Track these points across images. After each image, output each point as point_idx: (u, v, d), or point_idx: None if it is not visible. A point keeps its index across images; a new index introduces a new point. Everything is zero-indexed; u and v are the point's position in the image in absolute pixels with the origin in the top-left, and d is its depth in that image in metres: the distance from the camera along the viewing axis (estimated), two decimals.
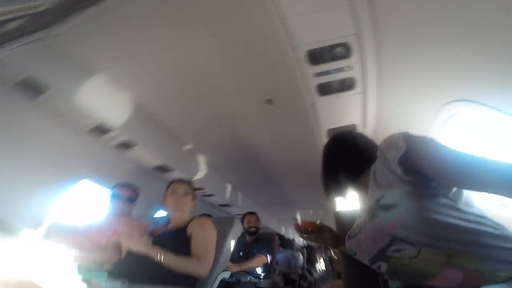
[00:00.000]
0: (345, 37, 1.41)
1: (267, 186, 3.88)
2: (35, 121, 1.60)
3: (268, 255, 2.59)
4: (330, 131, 1.82)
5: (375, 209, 0.69)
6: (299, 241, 7.39)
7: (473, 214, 0.62)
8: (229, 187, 3.57)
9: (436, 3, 1.01)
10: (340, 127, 1.83)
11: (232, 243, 1.77)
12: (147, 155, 2.14)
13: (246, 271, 2.33)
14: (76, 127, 1.76)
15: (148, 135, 2.07)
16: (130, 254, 1.25)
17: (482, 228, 0.59)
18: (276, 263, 3.04)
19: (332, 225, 1.11)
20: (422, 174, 0.63)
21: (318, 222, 0.99)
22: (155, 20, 1.47)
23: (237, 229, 1.83)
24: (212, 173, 3.05)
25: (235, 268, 2.13)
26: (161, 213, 2.60)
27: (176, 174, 2.43)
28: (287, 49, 1.46)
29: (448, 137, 1.30)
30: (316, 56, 1.47)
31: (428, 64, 1.24)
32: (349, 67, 1.49)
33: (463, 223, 0.60)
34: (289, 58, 1.50)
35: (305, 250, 5.14)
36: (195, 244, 1.33)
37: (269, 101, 2.04)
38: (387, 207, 0.65)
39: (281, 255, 3.63)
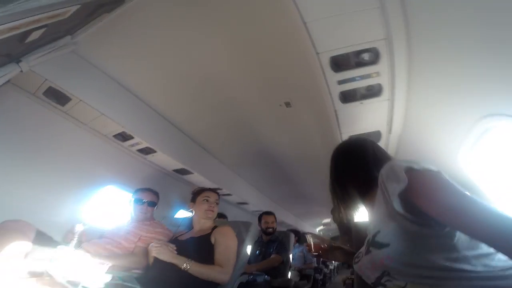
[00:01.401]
0: (373, 42, 1.34)
1: (283, 183, 3.90)
2: (62, 129, 1.69)
3: (283, 254, 2.64)
4: (352, 137, 1.78)
5: (370, 245, 0.72)
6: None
7: (473, 256, 0.60)
8: (245, 185, 3.61)
9: (472, 5, 0.91)
10: (363, 134, 1.78)
11: (249, 248, 1.85)
12: (167, 160, 2.22)
13: (262, 271, 2.39)
14: (100, 134, 1.85)
15: (168, 141, 2.15)
16: (158, 262, 1.34)
17: (476, 269, 0.59)
18: (292, 259, 3.09)
19: None
20: (421, 212, 0.62)
21: (327, 244, 1.10)
22: (176, 25, 1.48)
23: (254, 233, 1.91)
24: (230, 173, 3.10)
25: (252, 269, 2.19)
26: (181, 214, 2.71)
27: (194, 177, 2.53)
28: (310, 54, 1.42)
29: (483, 152, 1.23)
30: (341, 62, 1.42)
31: (462, 71, 1.15)
32: (377, 74, 1.43)
33: (455, 265, 0.60)
34: (312, 63, 1.45)
35: None
36: (218, 252, 1.43)
37: (288, 104, 2.02)
38: (380, 246, 0.68)
39: (296, 251, 3.71)
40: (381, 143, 1.83)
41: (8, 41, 1.03)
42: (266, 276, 2.38)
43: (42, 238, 1.49)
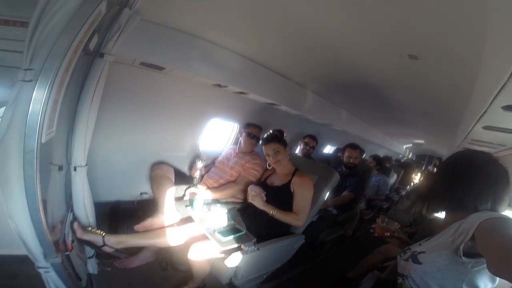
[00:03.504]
0: None
1: (378, 107, 3.56)
2: (167, 84, 1.95)
3: (357, 192, 2.84)
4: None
5: (411, 255, 0.95)
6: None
7: None
8: (334, 108, 3.48)
9: None
10: None
11: (328, 193, 2.06)
12: (258, 97, 2.42)
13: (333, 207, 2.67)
14: (203, 84, 2.10)
15: (259, 81, 2.26)
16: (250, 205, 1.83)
17: None
18: None
19: None
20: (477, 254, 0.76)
21: (389, 233, 1.40)
22: None
23: (334, 182, 2.11)
24: (320, 100, 3.02)
25: (324, 205, 2.48)
26: None
27: (283, 108, 2.74)
28: None
29: None
30: None
31: None
32: None
33: None
34: None
35: (402, 171, 5.11)
36: (296, 201, 1.77)
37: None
38: (416, 262, 0.91)
39: (373, 179, 3.76)
40: None
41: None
42: (334, 210, 2.69)
43: (179, 176, 2.14)
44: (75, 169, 1.40)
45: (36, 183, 0.86)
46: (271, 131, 2.01)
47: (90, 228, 1.49)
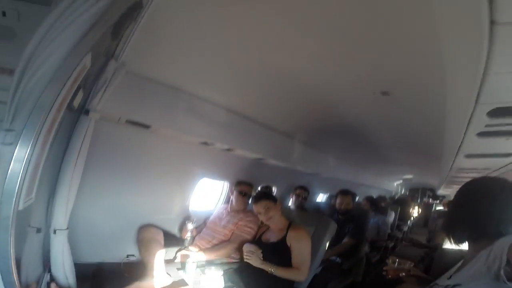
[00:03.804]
0: None
1: (362, 148, 3.70)
2: (154, 143, 1.95)
3: (358, 237, 2.77)
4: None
5: None
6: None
7: None
8: (320, 155, 3.58)
9: None
10: None
11: (327, 244, 1.96)
12: (246, 153, 2.46)
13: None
14: (190, 143, 2.14)
15: (246, 135, 2.32)
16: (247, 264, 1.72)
17: None
18: None
19: None
20: None
21: (405, 273, 1.36)
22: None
23: (332, 231, 2.05)
24: (308, 151, 3.10)
25: (326, 255, 2.33)
26: None
27: (271, 162, 2.77)
28: None
29: None
30: None
31: None
32: None
33: None
34: None
35: (398, 208, 5.07)
36: (294, 256, 1.71)
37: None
38: None
39: (371, 221, 3.70)
40: None
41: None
42: (337, 259, 2.55)
43: (169, 239, 2.02)
44: (54, 232, 1.33)
45: (9, 248, 0.80)
46: (259, 189, 1.98)
47: None
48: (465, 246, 0.96)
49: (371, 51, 1.30)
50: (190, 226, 1.97)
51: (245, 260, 1.70)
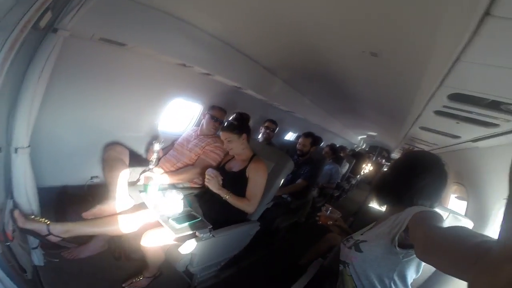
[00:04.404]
0: None
1: (338, 98, 3.77)
2: (128, 60, 1.82)
3: (311, 180, 3.00)
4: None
5: (354, 243, 1.02)
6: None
7: None
8: (297, 96, 3.61)
9: None
10: None
11: (282, 180, 2.15)
12: (224, 79, 2.38)
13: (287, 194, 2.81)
14: (167, 63, 2.00)
15: (226, 63, 2.21)
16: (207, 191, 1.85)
17: None
18: None
19: None
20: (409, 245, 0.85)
21: (332, 221, 1.45)
22: None
23: (289, 169, 2.16)
24: (284, 86, 3.13)
25: (279, 192, 2.58)
26: None
27: (249, 92, 2.78)
28: None
29: None
30: None
31: None
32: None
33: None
34: None
35: (354, 160, 5.50)
36: (249, 187, 1.81)
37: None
38: (358, 250, 1.00)
39: (326, 168, 3.99)
40: None
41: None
42: (288, 198, 2.81)
43: (135, 159, 2.05)
44: (16, 151, 1.27)
45: None
46: (234, 114, 1.97)
47: (33, 216, 1.36)
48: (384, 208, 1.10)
49: (369, 12, 1.23)
50: (157, 146, 1.96)
51: (205, 183, 1.78)
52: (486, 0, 0.55)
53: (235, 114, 2.06)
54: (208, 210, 1.77)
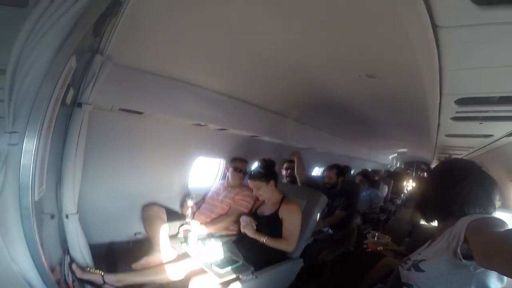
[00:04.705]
0: None
1: (355, 123, 3.75)
2: (149, 127, 2.07)
3: (349, 209, 2.92)
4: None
5: (413, 264, 0.97)
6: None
7: None
8: (314, 132, 3.66)
9: None
10: None
11: (318, 216, 2.12)
12: (239, 132, 2.56)
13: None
14: (184, 125, 2.23)
15: (238, 115, 2.40)
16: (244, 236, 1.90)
17: None
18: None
19: None
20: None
21: (383, 247, 1.40)
22: None
23: (322, 203, 2.18)
24: (302, 127, 3.24)
25: (318, 226, 2.51)
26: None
27: (266, 139, 2.91)
28: None
29: None
30: None
31: None
32: None
33: None
34: None
35: (391, 181, 5.22)
36: (285, 227, 1.86)
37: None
38: (419, 270, 0.93)
39: (364, 194, 3.90)
40: None
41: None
42: (329, 230, 2.71)
43: (171, 215, 2.19)
44: (67, 217, 1.49)
45: (34, 233, 0.95)
46: (260, 162, 2.07)
47: (88, 269, 1.54)
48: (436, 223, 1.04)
49: (355, 37, 1.35)
50: (190, 202, 2.12)
51: (241, 229, 1.87)
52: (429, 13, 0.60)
53: (260, 162, 2.18)
54: (248, 254, 1.80)
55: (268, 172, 1.97)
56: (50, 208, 1.39)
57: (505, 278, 0.83)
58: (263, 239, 1.79)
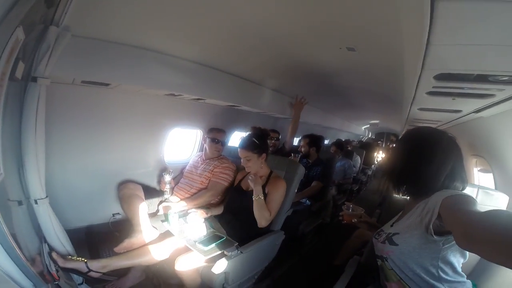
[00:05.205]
0: None
1: (332, 95, 3.83)
2: (117, 98, 1.93)
3: (325, 180, 3.02)
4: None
5: (387, 237, 0.99)
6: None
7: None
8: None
9: None
10: None
11: (297, 186, 2.18)
12: (217, 101, 2.47)
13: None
14: (155, 95, 2.11)
15: (214, 85, 2.28)
16: (230, 207, 1.92)
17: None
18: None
19: None
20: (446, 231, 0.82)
21: (357, 219, 1.41)
22: None
23: (300, 174, 2.17)
24: (280, 97, 3.24)
25: (296, 198, 2.59)
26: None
27: (244, 108, 2.85)
28: None
29: None
30: None
31: None
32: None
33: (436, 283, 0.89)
34: None
35: (364, 152, 5.51)
36: (268, 201, 1.82)
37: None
38: (392, 244, 0.96)
39: (338, 164, 4.03)
40: None
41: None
42: (306, 201, 2.84)
43: (149, 192, 2.13)
44: (36, 202, 1.39)
45: (1, 223, 0.88)
46: (252, 130, 1.96)
47: (70, 256, 1.50)
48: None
49: (339, 7, 1.31)
50: (167, 177, 2.07)
51: (248, 181, 1.80)
52: None
53: (253, 130, 2.03)
54: (230, 229, 1.82)
55: (261, 144, 1.85)
56: (16, 195, 1.31)
57: (468, 253, 0.88)
58: (260, 196, 1.74)
